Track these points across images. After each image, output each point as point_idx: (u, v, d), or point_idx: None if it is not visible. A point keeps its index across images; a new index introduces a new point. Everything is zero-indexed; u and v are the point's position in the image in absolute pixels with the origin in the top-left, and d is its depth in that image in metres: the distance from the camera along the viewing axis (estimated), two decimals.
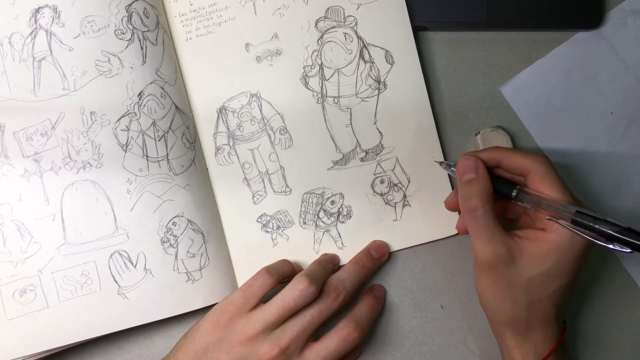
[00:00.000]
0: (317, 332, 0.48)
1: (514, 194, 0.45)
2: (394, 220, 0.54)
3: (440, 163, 0.52)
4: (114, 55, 0.51)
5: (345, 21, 0.54)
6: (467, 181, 0.46)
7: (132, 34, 0.51)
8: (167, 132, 0.51)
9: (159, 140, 0.51)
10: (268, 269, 0.49)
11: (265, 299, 0.48)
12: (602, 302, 0.55)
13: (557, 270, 0.44)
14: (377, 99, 0.54)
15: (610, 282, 0.55)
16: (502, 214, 0.50)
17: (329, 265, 0.51)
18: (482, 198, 0.45)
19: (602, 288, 0.55)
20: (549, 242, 0.44)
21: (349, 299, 0.49)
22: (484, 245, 0.44)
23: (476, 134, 0.54)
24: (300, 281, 0.47)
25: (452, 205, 0.50)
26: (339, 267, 0.53)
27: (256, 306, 0.48)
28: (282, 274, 0.49)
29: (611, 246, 0.41)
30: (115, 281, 0.50)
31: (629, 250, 0.40)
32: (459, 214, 0.52)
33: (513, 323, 0.46)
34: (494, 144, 0.53)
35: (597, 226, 0.41)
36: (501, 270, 0.44)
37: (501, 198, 0.47)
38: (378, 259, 0.53)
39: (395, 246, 0.54)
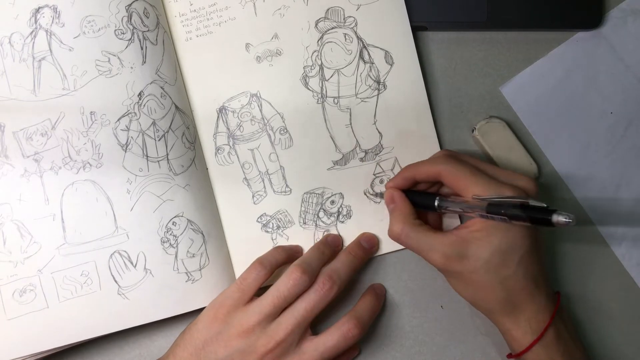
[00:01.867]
0: (318, 327, 0.48)
1: (436, 204, 0.48)
2: None
3: (371, 194, 0.54)
4: (114, 55, 0.51)
5: (345, 22, 0.54)
6: (390, 212, 0.50)
7: (132, 34, 0.51)
8: (167, 132, 0.51)
9: (159, 140, 0.51)
10: (261, 261, 0.49)
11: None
12: (602, 302, 0.54)
13: (506, 244, 0.45)
14: (377, 99, 0.54)
15: (610, 282, 0.55)
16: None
17: (328, 250, 0.51)
18: (400, 222, 0.48)
19: (602, 288, 0.55)
20: (488, 222, 0.45)
21: (344, 288, 0.49)
22: (429, 256, 0.47)
23: (473, 130, 0.54)
24: (293, 271, 0.48)
25: None
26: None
27: (252, 298, 0.48)
28: (275, 264, 0.50)
29: (525, 223, 0.42)
30: (115, 281, 0.50)
31: (536, 219, 0.41)
32: None
33: (498, 308, 0.47)
34: (492, 135, 0.53)
35: (504, 212, 0.42)
36: (457, 267, 0.46)
37: (433, 211, 0.49)
38: (369, 249, 0.53)
39: (395, 246, 0.54)
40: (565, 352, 0.46)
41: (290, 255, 0.52)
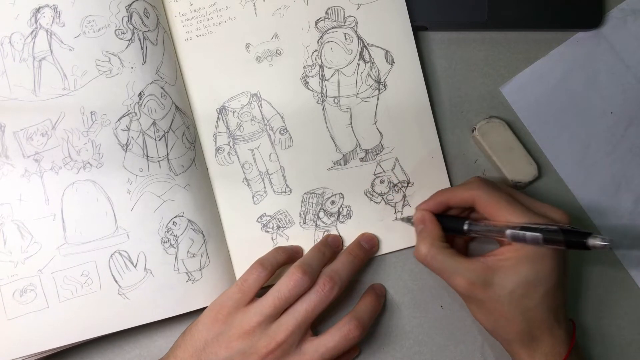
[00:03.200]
0: (318, 327, 0.48)
1: (465, 228, 0.48)
2: (393, 220, 0.54)
3: (402, 219, 0.54)
4: (115, 55, 0.51)
5: (345, 21, 0.54)
6: (418, 233, 0.49)
7: (133, 33, 0.51)
8: (168, 132, 0.51)
9: (159, 140, 0.51)
10: (261, 262, 0.49)
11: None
12: (603, 303, 0.55)
13: (534, 276, 0.44)
14: (377, 99, 0.54)
15: (610, 283, 0.55)
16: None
17: (328, 250, 0.51)
18: (427, 244, 0.47)
19: (602, 288, 0.55)
20: (517, 252, 0.45)
21: (344, 289, 0.49)
22: (453, 280, 0.46)
23: (473, 130, 0.54)
24: (294, 272, 0.48)
25: None
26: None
27: (253, 300, 0.48)
28: (275, 264, 0.50)
29: (555, 246, 0.43)
30: (116, 281, 0.50)
31: (573, 243, 0.42)
32: None
33: (517, 339, 0.46)
34: (493, 135, 0.53)
35: (539, 232, 0.43)
36: (480, 295, 0.45)
37: (463, 235, 0.49)
38: (369, 249, 0.53)
39: (395, 246, 0.54)
40: None
41: (290, 255, 0.52)
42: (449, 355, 0.54)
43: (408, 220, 0.53)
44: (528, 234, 0.43)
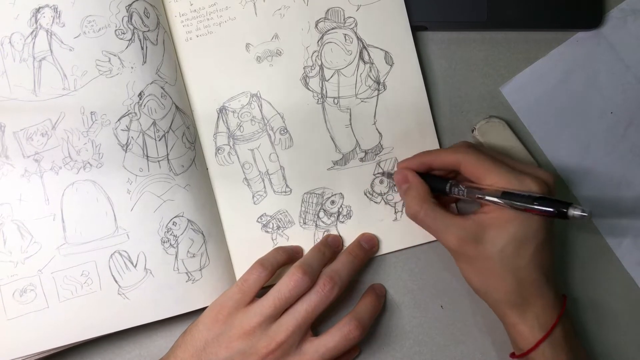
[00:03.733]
0: (318, 327, 0.48)
1: (447, 188, 0.48)
2: (393, 221, 0.54)
3: (381, 173, 0.54)
4: (115, 55, 0.51)
5: (345, 22, 0.54)
6: (403, 192, 0.50)
7: (133, 34, 0.51)
8: (168, 132, 0.51)
9: (159, 140, 0.51)
10: (261, 262, 0.49)
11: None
12: (603, 303, 0.54)
13: (522, 232, 0.45)
14: (377, 99, 0.54)
15: (610, 283, 0.55)
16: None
17: (328, 251, 0.51)
18: (419, 201, 0.47)
19: (602, 289, 0.55)
20: (506, 210, 0.45)
21: (344, 289, 0.49)
22: (444, 236, 0.46)
23: (473, 130, 0.54)
24: (294, 272, 0.48)
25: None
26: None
27: (253, 300, 0.48)
28: (276, 265, 0.50)
29: (535, 213, 0.43)
30: (116, 281, 0.50)
31: (552, 212, 0.42)
32: None
33: (507, 299, 0.46)
34: (492, 134, 0.53)
35: (517, 201, 0.43)
36: (472, 251, 0.46)
37: (444, 195, 0.49)
38: (369, 249, 0.53)
39: (395, 246, 0.54)
40: (571, 351, 0.46)
41: (290, 256, 0.52)
42: (449, 355, 0.53)
43: (389, 175, 0.53)
44: (506, 201, 0.44)
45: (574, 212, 0.41)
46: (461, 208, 0.54)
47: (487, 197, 0.45)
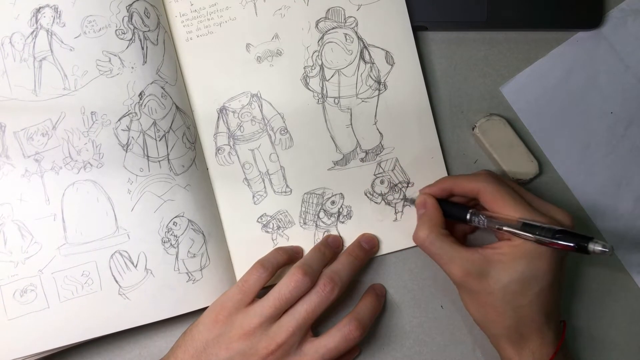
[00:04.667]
0: (318, 328, 0.48)
1: (468, 217, 0.48)
2: (394, 221, 0.54)
3: (404, 199, 0.54)
4: (115, 55, 0.51)
5: (345, 22, 0.54)
6: (419, 217, 0.50)
7: (133, 34, 0.51)
8: (168, 132, 0.51)
9: (160, 140, 0.51)
10: (262, 263, 0.49)
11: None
12: (603, 303, 0.55)
13: (530, 274, 0.44)
14: (377, 99, 0.54)
15: (610, 283, 0.55)
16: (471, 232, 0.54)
17: (329, 251, 0.51)
18: (427, 229, 0.48)
19: (602, 289, 0.55)
20: (516, 248, 0.45)
21: (344, 290, 0.49)
22: (449, 268, 0.46)
23: (473, 128, 0.54)
24: (294, 273, 0.48)
25: None
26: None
27: (253, 300, 0.48)
28: (276, 265, 0.50)
29: (555, 247, 0.43)
30: (116, 281, 0.50)
31: (572, 246, 0.42)
32: None
33: (505, 334, 0.46)
34: (493, 132, 0.53)
35: (537, 234, 0.43)
36: (475, 285, 0.46)
37: (464, 223, 0.49)
38: (369, 250, 0.53)
39: (395, 246, 0.54)
40: None
41: (291, 256, 0.52)
42: (449, 355, 0.54)
43: (411, 201, 0.53)
44: (529, 234, 0.43)
45: (595, 247, 0.40)
46: (475, 239, 0.54)
47: (506, 228, 0.45)
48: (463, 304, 0.48)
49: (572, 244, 0.41)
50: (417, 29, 0.55)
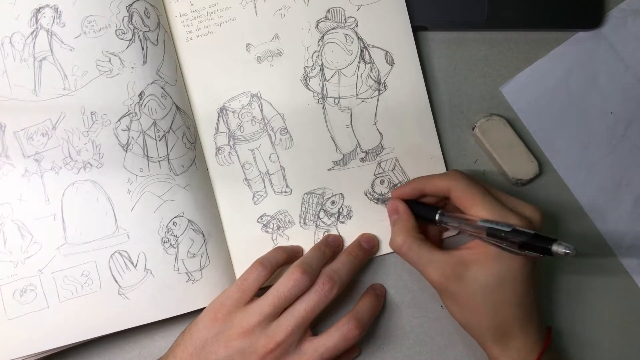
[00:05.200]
0: (318, 327, 0.48)
1: (437, 218, 0.48)
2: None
3: (377, 200, 0.54)
4: (115, 55, 0.51)
5: (345, 22, 0.54)
6: (392, 223, 0.50)
7: (133, 34, 0.51)
8: (168, 132, 0.51)
9: (160, 140, 0.51)
10: (261, 261, 0.49)
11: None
12: (603, 303, 0.55)
13: (505, 271, 0.45)
14: (377, 99, 0.54)
15: (610, 282, 0.55)
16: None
17: (329, 250, 0.51)
18: (402, 235, 0.48)
19: (602, 288, 0.55)
20: (489, 247, 0.45)
21: (344, 289, 0.49)
22: (426, 271, 0.47)
23: (473, 128, 0.54)
24: (294, 272, 0.48)
25: None
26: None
27: (252, 299, 0.48)
28: (275, 264, 0.50)
29: (524, 253, 0.42)
30: (116, 281, 0.50)
31: (540, 255, 0.41)
32: None
33: (489, 333, 0.47)
34: (493, 132, 0.53)
35: (505, 237, 0.42)
36: (454, 288, 0.46)
37: (433, 224, 0.49)
38: (369, 250, 0.53)
39: None
40: None
41: (290, 255, 0.52)
42: (449, 355, 0.53)
43: (383, 202, 0.53)
44: (493, 241, 0.43)
45: (559, 248, 0.39)
46: (450, 242, 0.54)
47: (471, 231, 0.45)
48: (446, 308, 0.49)
49: (536, 254, 0.41)
50: (417, 29, 0.55)
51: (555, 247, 0.40)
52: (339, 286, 0.48)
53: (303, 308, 0.47)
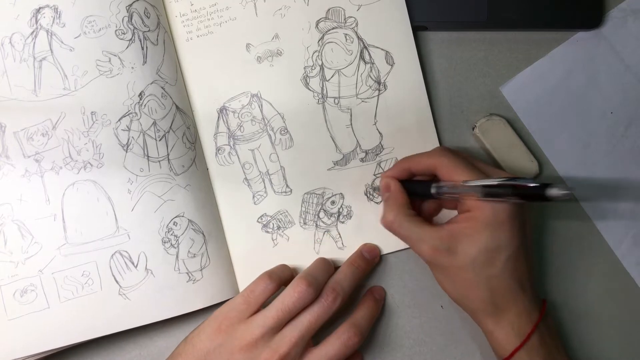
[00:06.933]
0: (317, 336, 0.48)
1: (433, 191, 0.48)
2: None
3: (372, 189, 0.54)
4: (115, 55, 0.51)
5: (345, 22, 0.54)
6: (384, 200, 0.51)
7: (133, 34, 0.51)
8: (168, 132, 0.51)
9: (160, 140, 0.51)
10: (269, 274, 0.49)
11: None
12: (602, 303, 0.55)
13: (494, 242, 0.45)
14: (377, 99, 0.54)
15: (610, 283, 0.55)
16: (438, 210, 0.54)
17: (331, 266, 0.51)
18: (394, 211, 0.48)
19: (602, 288, 0.55)
20: (476, 219, 0.45)
21: (347, 300, 0.49)
22: (417, 246, 0.47)
23: (473, 128, 0.54)
24: (299, 284, 0.47)
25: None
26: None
27: (256, 311, 0.48)
28: (282, 279, 0.50)
29: (520, 201, 0.43)
30: (116, 281, 0.50)
31: (532, 187, 0.41)
32: None
33: (482, 307, 0.47)
34: (493, 132, 0.53)
35: (499, 189, 0.43)
36: (445, 261, 0.46)
37: (430, 198, 0.50)
38: (371, 260, 0.53)
39: (395, 246, 0.54)
40: (549, 356, 0.46)
41: (294, 274, 0.51)
42: (449, 355, 0.54)
43: (377, 190, 0.54)
44: (487, 189, 0.43)
45: (553, 191, 0.38)
46: (440, 218, 0.54)
47: (471, 184, 0.45)
48: (438, 283, 0.49)
49: (531, 185, 0.40)
50: (417, 29, 0.55)
51: (550, 191, 0.39)
52: (342, 297, 0.48)
53: (307, 320, 0.47)
